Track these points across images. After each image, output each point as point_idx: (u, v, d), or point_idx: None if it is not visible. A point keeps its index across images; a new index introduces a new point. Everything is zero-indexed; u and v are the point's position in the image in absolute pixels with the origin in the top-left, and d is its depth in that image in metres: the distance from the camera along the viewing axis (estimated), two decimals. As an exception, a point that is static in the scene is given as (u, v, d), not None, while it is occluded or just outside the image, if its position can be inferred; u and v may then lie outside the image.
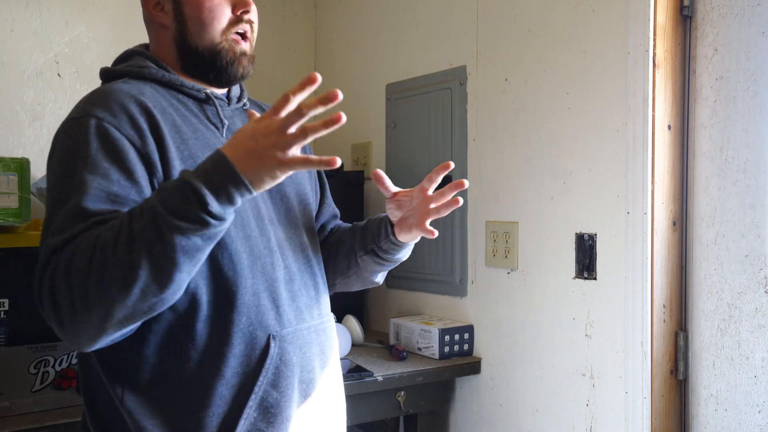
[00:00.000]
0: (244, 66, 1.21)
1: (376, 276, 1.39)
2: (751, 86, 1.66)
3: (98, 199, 1.00)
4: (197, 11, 1.17)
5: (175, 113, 1.14)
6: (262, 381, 1.12)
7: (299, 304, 1.20)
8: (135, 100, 1.10)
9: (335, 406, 1.28)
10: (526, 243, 2.04)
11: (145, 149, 1.06)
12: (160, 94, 1.16)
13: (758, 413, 1.64)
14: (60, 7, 2.28)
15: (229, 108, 1.24)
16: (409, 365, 2.07)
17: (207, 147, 1.13)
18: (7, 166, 1.78)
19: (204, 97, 1.20)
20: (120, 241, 0.93)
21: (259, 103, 1.38)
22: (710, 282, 1.73)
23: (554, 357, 1.95)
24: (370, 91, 2.60)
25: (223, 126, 1.20)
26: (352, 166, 2.67)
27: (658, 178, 1.73)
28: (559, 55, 1.94)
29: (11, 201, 1.80)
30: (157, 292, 0.95)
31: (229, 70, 1.19)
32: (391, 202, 1.27)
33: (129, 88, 1.13)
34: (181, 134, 1.12)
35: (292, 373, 1.15)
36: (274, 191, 1.23)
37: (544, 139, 1.98)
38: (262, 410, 1.12)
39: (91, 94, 1.14)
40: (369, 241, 1.32)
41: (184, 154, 1.10)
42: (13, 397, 1.64)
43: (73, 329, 0.97)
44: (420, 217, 1.24)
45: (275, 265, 1.17)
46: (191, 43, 1.19)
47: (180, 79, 1.19)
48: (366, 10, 2.65)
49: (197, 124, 1.16)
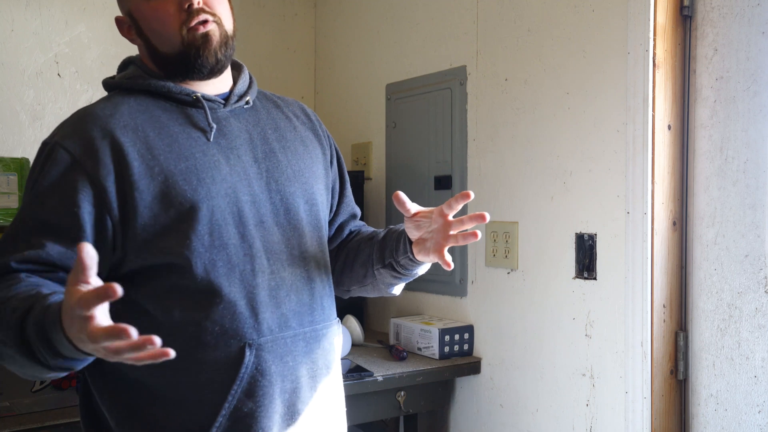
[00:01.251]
0: (214, 48, 1.18)
1: (392, 288, 1.36)
2: (751, 86, 1.66)
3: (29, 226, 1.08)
4: (149, 22, 1.17)
5: (152, 128, 1.15)
6: (236, 390, 1.11)
7: (285, 311, 1.17)
8: (101, 125, 1.13)
9: (330, 416, 1.26)
10: (526, 243, 2.04)
11: (97, 176, 1.09)
12: (141, 107, 1.17)
13: (758, 413, 1.64)
14: (60, 7, 2.28)
15: (226, 109, 1.22)
16: (409, 365, 2.07)
17: (182, 158, 1.13)
18: (7, 166, 1.79)
19: (193, 100, 1.19)
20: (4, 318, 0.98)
21: (271, 96, 1.36)
22: (710, 282, 1.73)
23: (554, 357, 1.95)
24: (370, 91, 2.60)
25: (212, 129, 1.18)
26: (352, 166, 2.67)
27: (658, 178, 1.73)
28: (559, 55, 1.94)
29: (11, 201, 1.80)
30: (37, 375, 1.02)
31: (201, 61, 1.17)
32: (410, 221, 1.22)
33: (104, 108, 1.16)
34: (152, 151, 1.12)
35: (271, 383, 1.13)
36: (273, 191, 1.21)
37: (544, 139, 1.98)
38: (235, 420, 1.11)
39: (70, 117, 1.20)
40: (387, 254, 1.29)
41: (154, 171, 1.11)
42: (13, 397, 1.64)
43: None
44: (438, 244, 1.19)
45: (256, 271, 1.15)
46: (160, 53, 1.19)
47: (167, 85, 1.19)
48: (366, 10, 2.65)
49: (178, 134, 1.16)
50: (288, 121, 1.32)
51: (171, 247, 1.10)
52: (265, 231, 1.18)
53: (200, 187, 1.12)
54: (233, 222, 1.14)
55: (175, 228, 1.10)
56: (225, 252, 1.13)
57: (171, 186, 1.11)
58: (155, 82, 1.19)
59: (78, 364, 0.96)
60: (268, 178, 1.21)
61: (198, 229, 1.11)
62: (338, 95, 2.77)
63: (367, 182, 2.60)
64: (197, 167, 1.14)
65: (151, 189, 1.10)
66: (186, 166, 1.13)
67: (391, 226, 1.34)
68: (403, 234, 1.26)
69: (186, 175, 1.12)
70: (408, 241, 1.25)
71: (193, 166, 1.13)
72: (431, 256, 1.21)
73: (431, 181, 2.32)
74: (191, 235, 1.10)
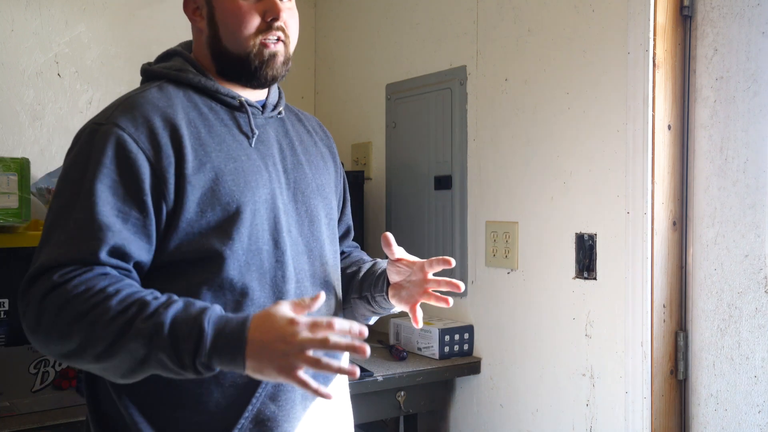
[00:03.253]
0: (276, 68, 1.21)
1: (368, 319, 1.40)
2: (751, 86, 1.66)
3: (105, 214, 1.04)
4: (227, 17, 1.18)
5: (203, 124, 1.15)
6: (261, 393, 1.12)
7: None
8: (161, 113, 1.12)
9: (343, 423, 1.28)
10: (526, 243, 2.04)
11: (159, 165, 1.08)
12: (191, 103, 1.17)
13: (758, 413, 1.64)
14: (60, 7, 2.28)
15: (263, 116, 1.24)
16: (409, 365, 2.07)
17: (231, 159, 1.14)
18: (7, 166, 1.78)
19: (238, 104, 1.20)
20: (117, 322, 0.98)
21: (293, 109, 1.39)
22: (710, 282, 1.73)
23: (554, 357, 1.95)
24: (370, 91, 2.60)
25: (254, 135, 1.20)
26: (352, 166, 2.67)
27: (658, 178, 1.73)
28: (559, 55, 1.94)
29: (11, 201, 1.80)
30: (116, 378, 1.03)
31: (259, 74, 1.20)
32: (393, 266, 1.28)
33: (160, 98, 1.15)
34: (204, 147, 1.13)
35: (293, 387, 1.14)
36: (299, 201, 1.23)
37: (544, 139, 1.98)
38: (257, 423, 1.12)
39: (122, 101, 1.16)
40: (365, 287, 1.33)
41: (206, 167, 1.11)
42: (13, 397, 1.64)
43: (41, 344, 1.04)
44: (412, 297, 1.26)
45: (287, 278, 1.17)
46: (223, 48, 1.19)
47: (216, 84, 1.20)
48: (366, 10, 2.65)
49: (225, 135, 1.17)
50: (309, 135, 1.36)
51: (212, 244, 1.10)
52: (293, 241, 1.20)
53: (247, 189, 1.14)
54: (269, 228, 1.16)
55: (219, 227, 1.11)
56: (259, 257, 1.14)
57: (221, 184, 1.12)
58: (205, 80, 1.19)
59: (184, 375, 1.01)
60: (295, 189, 1.23)
61: (241, 230, 1.12)
62: (338, 95, 2.77)
63: (367, 182, 2.60)
64: (244, 169, 1.15)
65: (202, 185, 1.10)
66: (234, 166, 1.14)
67: (378, 260, 1.38)
68: (385, 272, 1.31)
69: (235, 176, 1.13)
70: (387, 281, 1.30)
71: (240, 167, 1.15)
72: (402, 306, 1.27)
73: (431, 181, 2.32)
74: (234, 235, 1.11)
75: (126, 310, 0.99)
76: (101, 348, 0.98)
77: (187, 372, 0.98)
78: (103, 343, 0.98)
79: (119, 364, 0.99)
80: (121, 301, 0.99)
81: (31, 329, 1.03)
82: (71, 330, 0.99)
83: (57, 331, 1.00)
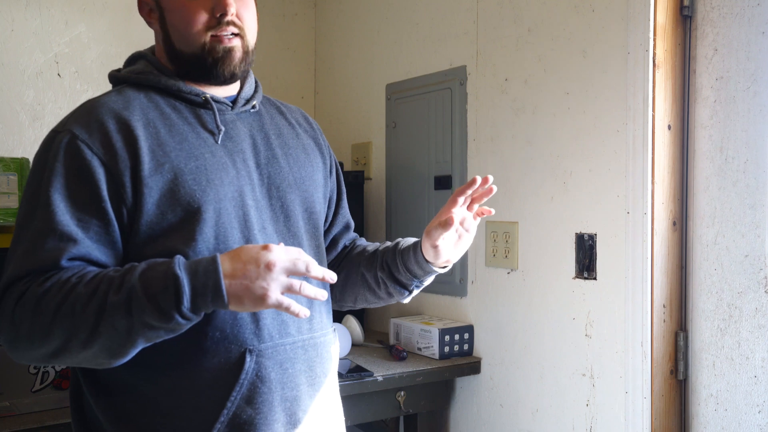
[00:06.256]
0: (234, 64, 1.18)
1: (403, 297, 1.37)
2: (751, 86, 1.66)
3: (64, 223, 1.05)
4: (174, 17, 1.16)
5: (163, 124, 1.14)
6: (236, 396, 1.10)
7: (285, 317, 1.16)
8: (116, 116, 1.11)
9: (330, 425, 1.25)
10: (526, 243, 2.04)
11: (115, 168, 1.08)
12: (152, 104, 1.16)
13: (758, 413, 1.64)
14: (60, 7, 2.28)
15: (234, 111, 1.22)
16: (409, 365, 2.07)
17: (192, 157, 1.13)
18: (7, 166, 1.79)
19: (202, 101, 1.19)
20: (92, 304, 0.98)
21: (274, 102, 1.36)
22: (710, 282, 1.73)
23: (554, 357, 1.95)
24: (370, 91, 2.60)
25: (220, 132, 1.18)
26: (352, 166, 2.67)
27: (658, 178, 1.73)
28: (559, 55, 1.94)
29: (11, 201, 1.80)
30: (109, 360, 1.02)
31: (216, 71, 1.17)
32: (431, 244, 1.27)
33: (117, 101, 1.14)
34: (163, 147, 1.11)
35: (270, 390, 1.13)
36: (274, 197, 1.21)
37: (544, 139, 1.98)
38: (234, 426, 1.11)
39: (79, 107, 1.16)
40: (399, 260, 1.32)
41: (164, 168, 1.10)
42: (13, 397, 1.64)
43: (17, 352, 1.04)
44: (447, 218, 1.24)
45: None
46: (177, 48, 1.18)
47: (177, 84, 1.18)
48: (366, 10, 2.65)
49: (187, 133, 1.15)
50: (291, 127, 1.32)
51: (175, 247, 1.08)
52: (267, 238, 1.18)
53: (209, 188, 1.12)
54: (239, 226, 1.14)
55: (181, 228, 1.09)
56: None
57: (180, 184, 1.10)
58: (166, 80, 1.18)
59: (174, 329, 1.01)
60: (269, 184, 1.21)
61: (204, 230, 1.10)
62: (338, 95, 2.77)
63: (367, 182, 2.60)
64: (206, 168, 1.13)
65: (160, 186, 1.09)
66: (196, 165, 1.12)
67: (399, 239, 1.36)
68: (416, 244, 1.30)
69: (195, 175, 1.11)
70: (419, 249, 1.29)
71: (202, 166, 1.13)
72: (433, 233, 1.25)
73: (431, 181, 2.32)
74: (197, 236, 1.09)
75: (95, 291, 0.99)
76: (84, 334, 0.99)
77: (173, 323, 0.98)
78: (85, 329, 0.98)
79: (108, 344, 0.99)
80: (88, 284, 1.00)
81: (12, 341, 1.03)
82: (51, 327, 0.99)
83: (37, 332, 1.00)
